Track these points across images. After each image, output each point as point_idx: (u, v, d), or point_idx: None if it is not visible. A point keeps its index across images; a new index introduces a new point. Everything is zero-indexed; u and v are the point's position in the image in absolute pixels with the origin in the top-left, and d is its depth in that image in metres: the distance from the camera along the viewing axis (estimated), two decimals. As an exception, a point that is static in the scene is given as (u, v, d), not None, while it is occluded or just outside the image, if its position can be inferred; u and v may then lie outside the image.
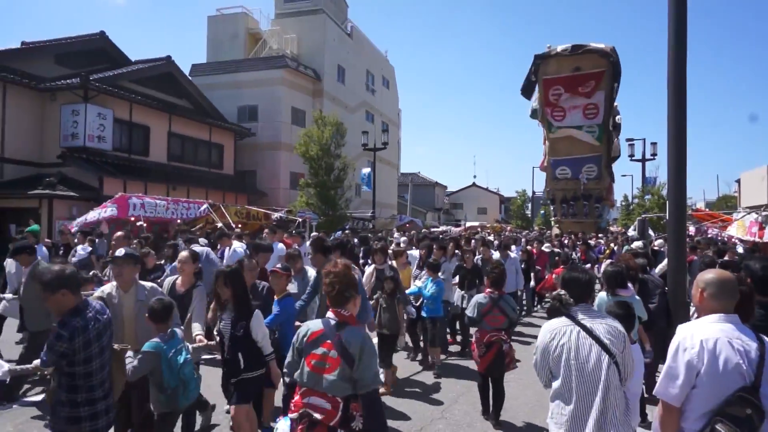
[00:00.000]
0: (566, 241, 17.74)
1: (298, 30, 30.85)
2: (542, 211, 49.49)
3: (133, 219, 12.85)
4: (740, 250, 11.48)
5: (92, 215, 12.84)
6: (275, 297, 5.02)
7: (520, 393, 6.34)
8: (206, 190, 22.57)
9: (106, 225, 12.54)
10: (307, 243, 9.87)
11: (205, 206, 15.05)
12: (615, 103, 27.83)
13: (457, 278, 8.54)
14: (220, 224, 13.91)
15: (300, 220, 16.81)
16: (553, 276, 8.61)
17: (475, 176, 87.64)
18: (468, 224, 39.70)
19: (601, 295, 4.90)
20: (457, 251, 9.42)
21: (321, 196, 21.78)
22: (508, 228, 29.63)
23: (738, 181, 39.34)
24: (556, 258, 11.92)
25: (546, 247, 13.43)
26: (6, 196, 17.42)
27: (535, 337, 8.58)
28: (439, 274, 7.56)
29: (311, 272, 5.78)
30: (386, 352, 6.31)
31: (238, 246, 9.22)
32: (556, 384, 2.93)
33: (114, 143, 19.59)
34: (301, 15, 31.00)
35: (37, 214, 16.81)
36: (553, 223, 32.27)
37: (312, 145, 21.82)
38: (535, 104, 28.70)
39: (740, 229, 13.50)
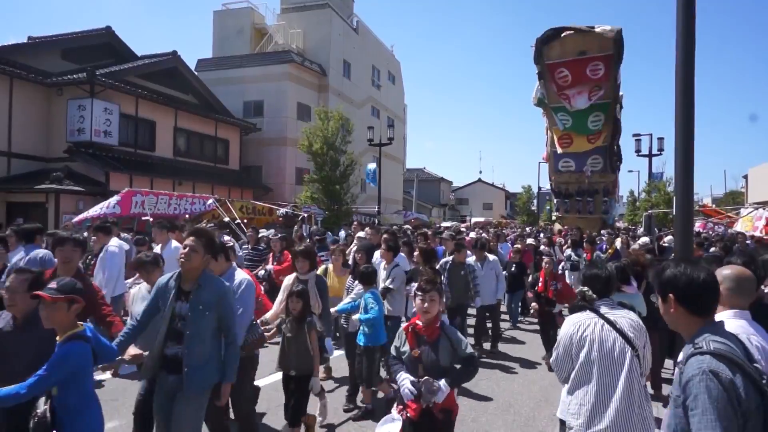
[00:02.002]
0: (563, 235, 17.15)
1: (304, 25, 30.79)
2: (548, 207, 49.22)
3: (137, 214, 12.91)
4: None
5: (94, 211, 12.88)
6: (57, 339, 2.94)
7: (524, 389, 6.34)
8: (212, 185, 22.65)
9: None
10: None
11: (211, 201, 15.13)
12: (621, 92, 26.71)
13: (413, 285, 6.57)
14: (227, 219, 13.98)
15: (305, 215, 16.84)
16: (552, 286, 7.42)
17: (480, 171, 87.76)
18: (474, 220, 39.72)
19: None
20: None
21: (326, 191, 21.79)
22: (508, 223, 29.01)
23: (746, 177, 39.12)
24: (538, 257, 10.25)
25: (530, 241, 12.04)
26: (13, 191, 17.55)
27: (521, 362, 8.25)
28: (387, 282, 6.07)
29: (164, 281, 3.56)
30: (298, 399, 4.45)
31: (114, 243, 6.92)
32: (576, 376, 2.93)
33: (120, 138, 19.66)
34: (306, 10, 30.94)
35: (44, 208, 16.95)
36: (554, 218, 31.61)
37: (316, 140, 21.80)
38: (538, 93, 27.30)
39: (747, 225, 13.46)
